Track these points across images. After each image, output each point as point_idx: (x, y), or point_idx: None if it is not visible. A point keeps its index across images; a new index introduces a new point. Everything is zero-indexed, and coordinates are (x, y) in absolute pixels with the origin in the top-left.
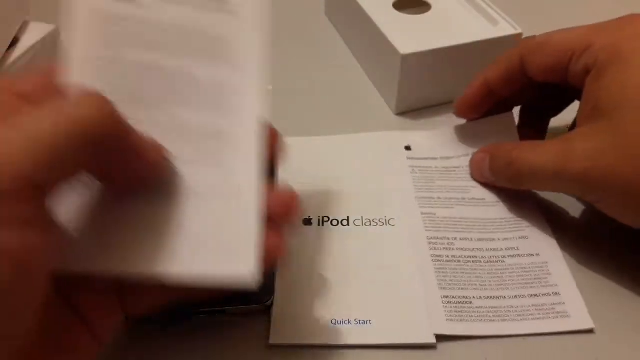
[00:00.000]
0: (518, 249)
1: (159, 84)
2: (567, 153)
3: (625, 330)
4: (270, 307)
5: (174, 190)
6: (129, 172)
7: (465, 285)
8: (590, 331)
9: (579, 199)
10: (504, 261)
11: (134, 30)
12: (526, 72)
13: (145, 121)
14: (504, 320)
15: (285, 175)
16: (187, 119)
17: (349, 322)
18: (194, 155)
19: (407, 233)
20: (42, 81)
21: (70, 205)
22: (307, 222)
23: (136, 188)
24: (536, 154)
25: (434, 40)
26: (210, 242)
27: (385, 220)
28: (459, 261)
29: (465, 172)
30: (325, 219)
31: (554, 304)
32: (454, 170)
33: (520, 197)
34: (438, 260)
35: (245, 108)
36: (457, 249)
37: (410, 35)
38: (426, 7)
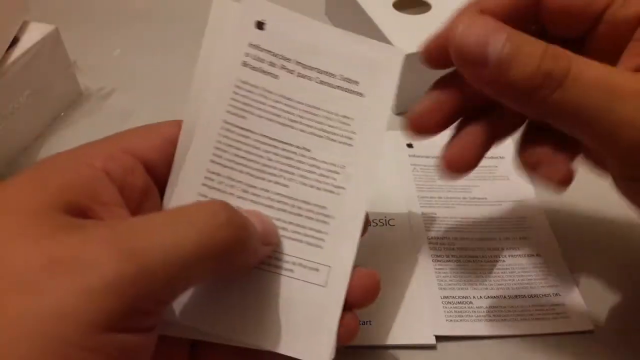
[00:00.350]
0: (518, 249)
1: (279, 157)
2: None
3: (625, 331)
4: None
5: (272, 263)
6: (240, 268)
7: (465, 285)
8: (589, 332)
9: (629, 176)
10: (504, 261)
11: (264, 100)
12: (540, 11)
13: (259, 191)
14: (504, 320)
15: None
16: (299, 196)
17: None
18: (298, 232)
19: (407, 233)
20: (164, 145)
21: None
22: None
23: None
24: (606, 68)
25: None
26: (295, 321)
27: (385, 220)
28: (459, 261)
29: None
30: None
31: (553, 304)
32: None
33: (522, 196)
34: (438, 261)
35: (355, 194)
36: (457, 248)
37: (410, 35)
38: (426, 7)
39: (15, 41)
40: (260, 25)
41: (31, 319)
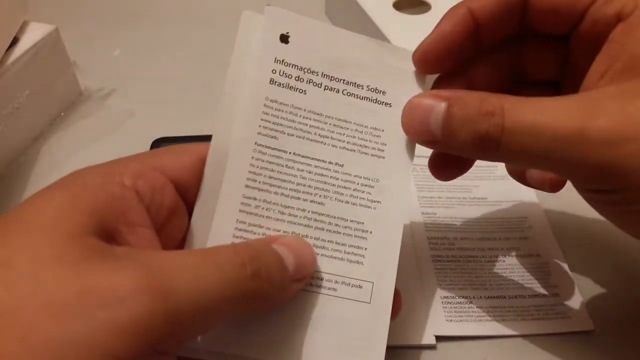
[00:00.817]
0: (519, 249)
1: (313, 174)
2: (592, 109)
3: (625, 331)
4: None
5: (314, 283)
6: (265, 310)
7: (465, 285)
8: (589, 332)
9: (585, 189)
10: (504, 261)
11: (293, 118)
12: (527, 9)
13: (296, 211)
14: (504, 320)
15: None
16: (336, 213)
17: None
18: (338, 250)
19: (408, 233)
20: (194, 164)
21: None
22: None
23: None
24: (538, 108)
25: None
26: (342, 340)
27: None
28: (459, 261)
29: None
30: None
31: (553, 304)
32: None
33: (522, 196)
34: (438, 260)
35: (391, 207)
36: (457, 248)
37: (410, 35)
38: (426, 7)
39: (15, 41)
40: (284, 38)
41: (58, 345)
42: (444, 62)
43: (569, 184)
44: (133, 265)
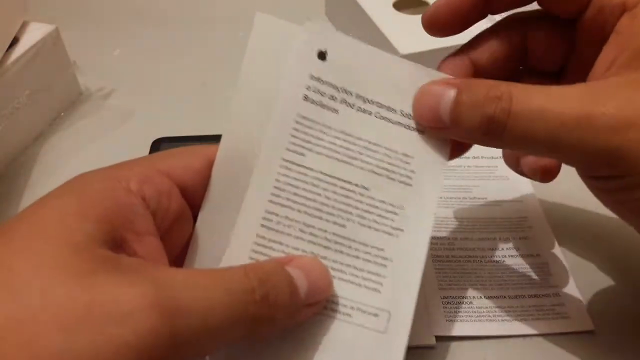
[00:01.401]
0: (518, 250)
1: (337, 195)
2: (599, 97)
3: (625, 331)
4: None
5: (329, 307)
6: (272, 335)
7: (465, 285)
8: (589, 332)
9: (589, 176)
10: (504, 261)
11: (323, 137)
12: None
13: (317, 231)
14: (504, 320)
15: None
16: (357, 237)
17: None
18: (356, 275)
19: None
20: (202, 168)
21: None
22: None
23: None
24: (546, 95)
25: (434, 40)
26: None
27: None
28: (459, 261)
29: (467, 171)
30: None
31: (553, 304)
32: (455, 169)
33: (522, 196)
34: (438, 261)
35: (414, 237)
36: (457, 249)
37: (410, 35)
38: (426, 7)
39: (15, 41)
40: (322, 55)
41: (61, 357)
42: (452, 27)
43: (565, 181)
44: (142, 280)
